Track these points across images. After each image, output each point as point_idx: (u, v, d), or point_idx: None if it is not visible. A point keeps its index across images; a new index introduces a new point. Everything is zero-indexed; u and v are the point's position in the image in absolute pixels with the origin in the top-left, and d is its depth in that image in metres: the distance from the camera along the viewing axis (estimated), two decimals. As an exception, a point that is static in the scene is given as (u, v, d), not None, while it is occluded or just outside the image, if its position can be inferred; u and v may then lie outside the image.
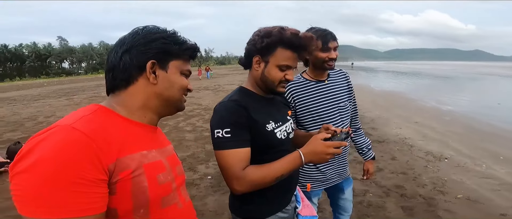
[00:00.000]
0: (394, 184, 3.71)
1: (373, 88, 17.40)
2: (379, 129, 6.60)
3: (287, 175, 1.13)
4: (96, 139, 0.65)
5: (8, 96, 21.80)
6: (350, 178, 1.92)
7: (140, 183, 0.72)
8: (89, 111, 0.75)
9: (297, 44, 1.17)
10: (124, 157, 0.70)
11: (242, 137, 1.12)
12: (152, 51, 0.81)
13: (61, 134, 0.63)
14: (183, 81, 0.88)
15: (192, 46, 0.89)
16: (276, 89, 1.22)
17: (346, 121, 1.77)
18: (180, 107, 0.91)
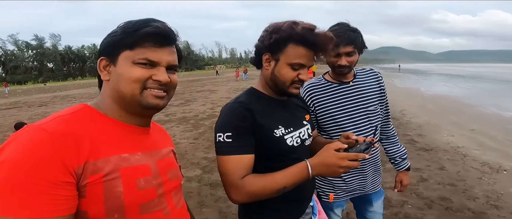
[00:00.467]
0: (439, 196, 3.37)
1: (423, 92, 16.18)
2: (427, 136, 6.08)
3: (290, 187, 1.01)
4: (62, 140, 0.63)
5: (69, 94, 24.22)
6: (381, 189, 1.73)
7: (114, 187, 0.69)
8: (71, 110, 0.74)
9: (311, 41, 1.03)
10: (96, 160, 0.67)
11: (244, 142, 1.03)
12: (101, 48, 0.79)
13: (27, 135, 0.63)
14: (133, 72, 0.75)
15: (146, 31, 0.75)
16: (288, 90, 1.09)
17: (376, 126, 1.57)
18: (144, 103, 0.77)
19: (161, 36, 0.76)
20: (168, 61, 0.79)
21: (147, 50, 0.75)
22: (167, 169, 0.84)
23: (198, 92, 17.42)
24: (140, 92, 0.76)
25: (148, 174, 0.76)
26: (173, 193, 0.85)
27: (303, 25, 1.04)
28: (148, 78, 0.76)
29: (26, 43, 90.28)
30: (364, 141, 1.08)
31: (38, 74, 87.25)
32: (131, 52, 0.75)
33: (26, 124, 5.11)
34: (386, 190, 3.43)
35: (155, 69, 0.77)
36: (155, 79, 0.76)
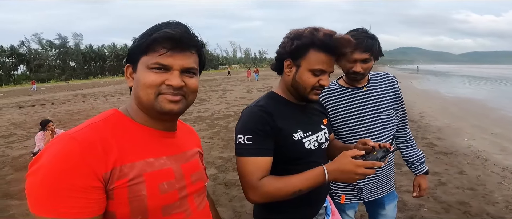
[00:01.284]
0: (457, 200, 3.29)
1: (443, 94, 15.70)
2: (446, 140, 5.91)
3: (306, 191, 1.04)
4: (90, 149, 0.68)
5: (90, 92, 24.98)
6: (394, 192, 1.72)
7: (138, 191, 0.73)
8: (103, 117, 0.78)
9: (332, 46, 1.06)
10: (122, 165, 0.71)
11: (263, 145, 1.06)
12: (128, 54, 0.81)
13: (60, 145, 0.68)
14: (147, 77, 0.76)
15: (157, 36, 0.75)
16: (309, 96, 1.12)
17: (390, 132, 1.56)
18: (157, 108, 0.77)
19: (173, 41, 0.75)
20: (181, 65, 0.77)
21: (159, 54, 0.75)
22: (191, 172, 0.86)
23: (213, 92, 17.60)
24: (154, 98, 0.76)
25: (171, 177, 0.79)
26: (196, 194, 0.87)
27: (324, 31, 1.06)
28: (162, 83, 0.76)
29: (49, 42, 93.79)
30: (380, 146, 1.08)
31: (61, 73, 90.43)
32: (146, 57, 0.76)
33: (51, 121, 5.35)
34: (402, 193, 3.42)
35: (168, 73, 0.77)
36: (167, 84, 0.76)
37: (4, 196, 3.85)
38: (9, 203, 3.65)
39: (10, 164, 5.32)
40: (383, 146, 1.08)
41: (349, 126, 1.52)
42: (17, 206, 3.56)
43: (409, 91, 15.30)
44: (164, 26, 0.77)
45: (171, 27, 0.77)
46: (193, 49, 0.81)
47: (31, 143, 6.41)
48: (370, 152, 1.05)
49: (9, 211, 3.42)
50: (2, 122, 10.60)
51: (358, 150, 1.02)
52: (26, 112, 13.31)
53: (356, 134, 1.51)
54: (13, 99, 22.10)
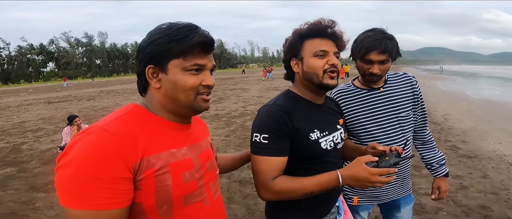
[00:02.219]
0: (478, 204, 3.18)
1: (470, 96, 15.02)
2: (471, 143, 5.68)
3: (317, 193, 1.06)
4: (122, 140, 0.70)
5: (114, 89, 25.85)
6: (410, 195, 1.67)
7: (164, 181, 0.75)
8: (125, 110, 0.81)
9: (321, 29, 1.10)
10: (149, 156, 0.74)
11: (279, 145, 1.07)
12: (148, 56, 0.80)
13: (92, 136, 0.70)
14: (187, 80, 0.79)
15: (194, 41, 0.78)
16: (324, 81, 1.10)
17: (408, 133, 1.52)
18: (196, 107, 0.83)
19: (207, 44, 0.81)
20: (212, 64, 0.84)
21: (196, 56, 0.79)
22: (206, 161, 0.90)
23: (230, 90, 17.73)
24: (194, 99, 0.81)
25: (191, 167, 0.83)
26: (211, 183, 0.91)
27: (307, 22, 1.13)
28: (199, 84, 0.81)
29: (77, 41, 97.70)
30: (390, 150, 1.07)
31: (87, 70, 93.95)
32: (182, 60, 0.78)
33: (77, 116, 5.61)
34: (421, 196, 3.34)
35: (202, 74, 0.82)
36: (205, 84, 0.81)
37: (31, 189, 4.04)
38: (35, 195, 3.82)
39: (37, 158, 5.61)
40: (394, 149, 1.06)
41: (365, 128, 1.49)
42: (42, 198, 3.72)
43: (433, 93, 14.74)
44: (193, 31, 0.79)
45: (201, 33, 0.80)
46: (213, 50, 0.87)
47: (58, 138, 6.74)
48: (381, 156, 1.04)
49: (35, 204, 3.57)
50: (31, 117, 11.20)
51: (372, 156, 1.01)
52: (54, 108, 13.96)
53: (372, 136, 1.48)
54: (42, 95, 23.25)
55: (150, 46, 0.80)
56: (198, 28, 0.81)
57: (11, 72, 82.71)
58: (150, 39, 0.80)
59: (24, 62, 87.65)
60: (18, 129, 8.75)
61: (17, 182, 4.34)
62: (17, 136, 7.71)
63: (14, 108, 14.62)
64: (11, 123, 10.09)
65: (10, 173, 4.77)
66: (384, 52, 1.34)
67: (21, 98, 21.73)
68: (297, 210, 1.17)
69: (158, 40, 0.79)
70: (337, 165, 1.15)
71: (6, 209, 3.48)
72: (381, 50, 1.34)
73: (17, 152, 6.09)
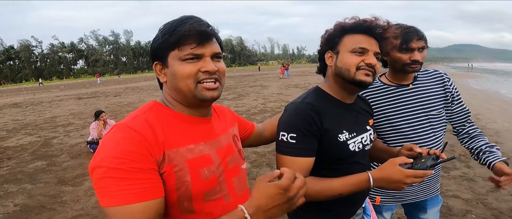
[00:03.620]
0: (510, 208, 3.01)
1: (504, 95, 14.17)
2: (504, 144, 5.34)
3: (346, 195, 1.01)
4: (146, 135, 0.73)
5: (138, 86, 26.64)
6: (438, 196, 1.59)
7: (183, 177, 0.76)
8: (146, 108, 0.83)
9: (366, 27, 1.02)
10: (169, 150, 0.75)
11: (307, 145, 1.02)
12: (152, 53, 0.85)
13: (118, 134, 0.73)
14: (184, 69, 0.79)
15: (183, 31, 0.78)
16: (356, 77, 1.02)
17: (439, 133, 1.44)
18: (199, 96, 0.81)
19: (200, 31, 0.79)
20: (212, 50, 0.82)
21: (190, 47, 0.79)
22: (226, 156, 0.89)
23: (250, 87, 17.80)
24: (195, 87, 0.80)
25: (210, 163, 0.82)
26: (234, 178, 0.89)
27: (354, 16, 1.05)
28: (198, 71, 0.80)
29: (104, 39, 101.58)
30: (428, 153, 1.01)
31: (114, 67, 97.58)
32: (177, 51, 0.79)
33: (103, 112, 5.81)
34: (448, 198, 3.19)
35: (201, 61, 0.81)
36: (203, 70, 0.80)
37: (59, 183, 4.22)
38: (63, 189, 3.98)
39: (67, 152, 5.88)
40: (432, 153, 1.00)
41: (393, 126, 1.43)
42: (70, 192, 3.86)
43: (465, 92, 14.05)
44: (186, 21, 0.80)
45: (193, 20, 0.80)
46: (214, 37, 0.85)
47: (87, 132, 7.03)
48: (416, 158, 0.98)
49: (62, 197, 3.72)
50: (63, 112, 11.79)
51: (406, 158, 0.96)
52: (83, 103, 14.61)
53: (402, 135, 1.43)
54: (73, 91, 24.40)
55: (153, 44, 0.85)
56: (190, 19, 0.81)
57: (43, 70, 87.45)
58: (155, 37, 0.84)
59: (55, 60, 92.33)
60: (49, 124, 9.23)
61: (47, 176, 4.56)
62: (49, 130, 8.13)
63: (46, 104, 15.43)
64: (43, 117, 10.66)
65: (40, 167, 5.02)
66: (421, 39, 1.34)
67: (53, 94, 22.92)
68: (322, 210, 1.13)
69: (156, 37, 0.83)
70: (365, 166, 1.10)
71: (35, 202, 3.65)
72: (419, 37, 1.34)
73: (48, 146, 6.41)
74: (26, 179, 4.44)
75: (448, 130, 1.54)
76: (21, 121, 10.30)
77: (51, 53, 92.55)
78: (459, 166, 4.16)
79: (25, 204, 3.58)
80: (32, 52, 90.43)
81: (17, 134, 7.94)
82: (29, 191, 3.97)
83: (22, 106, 15.16)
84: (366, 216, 1.24)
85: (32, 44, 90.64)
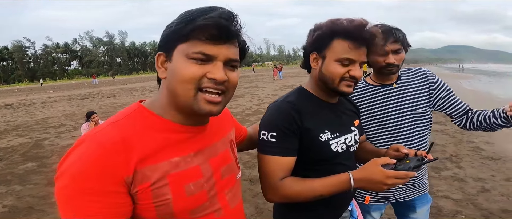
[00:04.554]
0: (500, 208, 3.03)
1: (496, 96, 14.35)
2: (495, 144, 5.41)
3: (327, 196, 0.99)
4: (113, 153, 0.62)
5: (133, 87, 26.52)
6: (427, 195, 1.59)
7: (162, 195, 0.66)
8: (125, 113, 0.71)
9: (357, 34, 0.97)
10: (144, 167, 0.65)
11: (288, 144, 1.00)
12: (160, 42, 0.71)
13: (82, 148, 0.63)
14: (186, 69, 0.65)
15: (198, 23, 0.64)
16: (338, 88, 1.02)
17: (424, 132, 1.45)
18: (195, 108, 0.68)
19: (219, 29, 0.65)
20: (227, 55, 0.68)
21: (203, 43, 0.65)
22: (220, 166, 0.79)
23: (245, 88, 17.77)
24: (194, 95, 0.67)
25: (198, 177, 0.72)
26: (227, 191, 0.81)
27: (347, 19, 1.00)
28: (203, 76, 0.66)
29: (99, 40, 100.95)
30: (415, 154, 1.00)
31: (109, 68, 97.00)
32: (185, 45, 0.66)
33: (95, 113, 5.76)
34: (439, 199, 3.21)
35: (210, 65, 0.67)
36: (210, 77, 0.66)
37: (49, 184, 4.16)
38: (53, 190, 3.86)
39: (58, 153, 5.81)
40: (419, 154, 0.99)
41: (379, 126, 1.44)
42: None
43: (457, 92, 14.01)
44: (209, 11, 0.66)
45: (218, 12, 0.66)
46: (237, 39, 0.71)
47: (79, 134, 6.98)
48: (402, 159, 0.97)
49: (52, 199, 3.66)
50: (55, 113, 11.67)
51: (389, 158, 0.95)
52: (76, 104, 14.48)
53: (387, 134, 1.43)
54: (66, 92, 24.18)
55: (164, 31, 0.70)
56: (215, 9, 0.67)
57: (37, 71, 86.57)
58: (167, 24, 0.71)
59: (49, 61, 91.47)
60: (41, 125, 9.13)
61: (36, 177, 4.51)
62: (40, 132, 8.04)
63: (38, 105, 15.28)
64: (35, 119, 10.54)
65: (30, 168, 4.96)
66: (397, 41, 1.34)
67: (46, 95, 22.69)
68: (307, 211, 1.12)
69: (170, 24, 0.69)
70: (349, 168, 1.08)
71: (24, 203, 3.60)
72: (393, 40, 1.33)
73: (39, 147, 6.34)
74: (16, 180, 4.39)
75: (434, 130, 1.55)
76: (13, 122, 10.18)
77: (45, 54, 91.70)
78: (450, 167, 4.19)
79: (13, 205, 3.54)
80: (25, 53, 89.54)
81: (8, 135, 7.84)
82: (18, 192, 3.92)
83: (14, 108, 14.99)
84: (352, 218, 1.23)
85: (25, 45, 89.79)
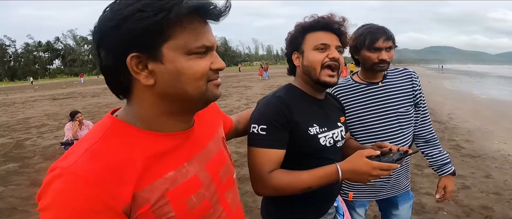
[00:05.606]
0: (480, 204, 3.15)
1: (477, 95, 14.83)
2: (475, 142, 5.61)
3: (315, 188, 1.02)
4: (101, 185, 0.53)
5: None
6: (409, 192, 1.64)
7: (165, 214, 0.61)
8: (98, 134, 0.60)
9: (323, 23, 1.08)
10: (140, 190, 0.58)
11: (277, 137, 1.03)
12: (127, 39, 0.56)
13: (62, 184, 0.53)
14: (196, 66, 0.59)
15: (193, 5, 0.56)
16: (321, 77, 1.07)
17: (407, 130, 1.49)
18: (210, 97, 0.64)
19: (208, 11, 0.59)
20: (214, 42, 0.63)
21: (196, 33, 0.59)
22: (218, 169, 0.75)
23: (234, 88, 17.74)
24: (205, 89, 0.63)
25: (199, 187, 0.67)
26: (227, 192, 0.78)
27: (313, 15, 1.12)
28: (209, 69, 0.62)
29: (83, 38, 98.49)
30: (398, 150, 1.04)
31: (92, 67, 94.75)
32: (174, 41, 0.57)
33: (79, 112, 5.62)
34: (422, 196, 3.31)
35: (209, 55, 0.63)
36: (214, 67, 0.63)
37: (32, 185, 4.06)
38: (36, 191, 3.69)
39: (40, 153, 5.66)
40: (402, 150, 1.04)
41: (362, 123, 1.48)
42: None
43: (439, 92, 14.59)
44: None
45: None
46: None
47: (62, 134, 6.79)
48: (386, 154, 1.02)
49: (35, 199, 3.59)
50: (36, 113, 11.32)
51: (373, 150, 0.99)
52: (59, 104, 14.10)
53: (370, 131, 1.47)
54: (48, 92, 23.50)
55: (127, 24, 0.55)
56: None
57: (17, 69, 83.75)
58: (120, 14, 0.55)
59: (30, 60, 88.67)
60: (22, 125, 8.85)
61: (19, 177, 4.38)
62: (21, 132, 7.79)
63: (19, 105, 14.79)
64: (16, 118, 10.21)
65: (12, 169, 4.81)
66: (389, 39, 1.40)
67: (27, 94, 21.98)
68: (294, 207, 1.14)
69: (138, 14, 0.54)
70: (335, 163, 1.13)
71: (7, 204, 3.50)
72: (386, 37, 1.39)
73: (20, 148, 6.15)
74: (-4, 181, 4.25)
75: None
76: (-8, 122, 9.83)
77: (26, 52, 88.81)
78: (432, 163, 4.32)
79: (-6, 207, 3.43)
80: (5, 51, 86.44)
81: (-14, 136, 7.56)
82: (0, 193, 3.81)
83: (-7, 108, 14.45)
84: (339, 215, 1.25)
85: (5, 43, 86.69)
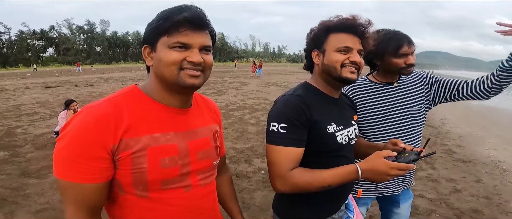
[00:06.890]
0: (470, 208, 3.22)
1: (469, 102, 14.99)
2: (466, 148, 5.71)
3: (335, 186, 1.04)
4: (104, 124, 0.77)
5: (112, 76, 25.72)
6: (409, 190, 1.68)
7: (140, 164, 0.80)
8: (122, 91, 0.87)
9: (349, 25, 1.09)
10: (129, 138, 0.79)
11: (297, 135, 1.05)
12: (145, 36, 0.88)
13: (79, 117, 0.78)
14: (169, 56, 0.82)
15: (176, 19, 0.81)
16: (342, 74, 1.09)
17: (419, 128, 1.56)
18: (180, 82, 0.83)
19: (193, 22, 0.82)
20: (200, 43, 0.84)
21: (180, 34, 0.81)
22: (198, 149, 0.90)
23: (230, 83, 17.69)
24: (177, 74, 0.82)
25: (174, 153, 0.84)
26: (200, 172, 0.91)
27: (338, 16, 1.12)
28: (183, 60, 0.82)
29: (78, 28, 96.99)
30: (412, 150, 1.07)
31: (87, 57, 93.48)
32: (167, 38, 0.82)
33: (74, 101, 5.57)
34: (415, 198, 3.32)
35: (188, 51, 0.83)
36: (189, 60, 0.82)
37: (22, 174, 3.97)
38: (26, 181, 3.74)
39: (31, 142, 5.55)
40: (415, 150, 1.06)
41: (378, 122, 1.52)
42: (34, 185, 3.63)
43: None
44: (182, 10, 0.83)
45: (189, 11, 0.83)
46: (207, 29, 0.87)
47: (54, 122, 6.71)
48: (400, 153, 1.04)
49: (26, 190, 3.49)
50: (28, 100, 11.13)
51: (391, 151, 1.02)
52: (51, 92, 13.86)
53: (385, 129, 1.52)
54: (40, 79, 23.12)
55: (146, 28, 0.87)
56: (186, 9, 0.83)
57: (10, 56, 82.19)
58: (149, 22, 0.87)
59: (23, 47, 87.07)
60: (13, 112, 8.69)
61: (9, 167, 4.29)
62: (12, 119, 7.65)
63: (10, 92, 14.52)
64: (7, 105, 10.02)
65: (2, 157, 4.71)
66: (412, 43, 1.47)
67: (19, 81, 21.61)
68: (308, 205, 1.16)
69: (151, 22, 0.85)
70: (350, 160, 1.15)
71: (-4, 194, 3.41)
72: (411, 43, 1.47)
73: (11, 136, 6.02)
74: (-15, 170, 4.16)
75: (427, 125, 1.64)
76: (-18, 108, 9.63)
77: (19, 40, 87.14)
78: (425, 167, 4.38)
79: (-17, 196, 3.35)
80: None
81: (-24, 122, 7.41)
82: (-12, 183, 3.71)
83: (-17, 93, 14.17)
84: (349, 212, 1.27)
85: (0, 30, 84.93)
